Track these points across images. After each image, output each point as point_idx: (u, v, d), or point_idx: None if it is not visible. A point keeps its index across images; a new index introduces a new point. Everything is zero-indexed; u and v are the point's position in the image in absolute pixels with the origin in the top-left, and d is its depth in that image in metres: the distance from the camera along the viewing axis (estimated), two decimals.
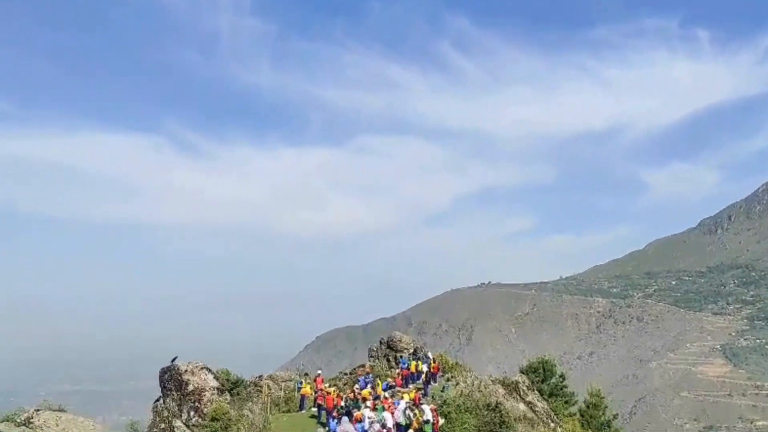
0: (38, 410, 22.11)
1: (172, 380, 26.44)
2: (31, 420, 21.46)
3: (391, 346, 42.01)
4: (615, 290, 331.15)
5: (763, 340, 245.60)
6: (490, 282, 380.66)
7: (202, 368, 27.17)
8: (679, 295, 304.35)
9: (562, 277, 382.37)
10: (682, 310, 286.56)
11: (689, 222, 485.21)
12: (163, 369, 27.12)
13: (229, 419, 24.18)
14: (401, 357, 36.63)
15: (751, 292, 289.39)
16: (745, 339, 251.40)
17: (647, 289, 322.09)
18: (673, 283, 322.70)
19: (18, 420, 21.23)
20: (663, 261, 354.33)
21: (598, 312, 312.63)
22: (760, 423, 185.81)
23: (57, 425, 21.66)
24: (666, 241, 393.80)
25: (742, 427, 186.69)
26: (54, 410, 22.48)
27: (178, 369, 26.71)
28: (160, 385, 26.94)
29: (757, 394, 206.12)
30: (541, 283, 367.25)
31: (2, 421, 20.89)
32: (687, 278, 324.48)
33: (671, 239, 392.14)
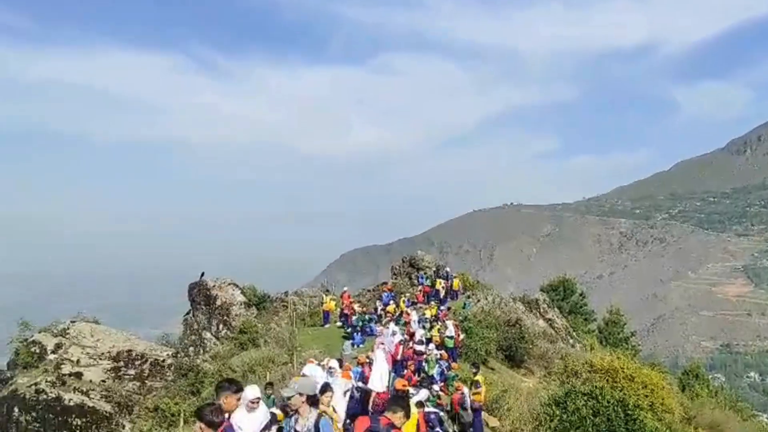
0: (73, 321, 23.00)
1: (200, 295, 27.22)
2: (67, 331, 22.35)
3: (413, 264, 42.55)
4: (638, 211, 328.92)
5: None
6: (512, 203, 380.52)
7: (229, 284, 27.89)
8: (703, 216, 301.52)
9: (585, 198, 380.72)
10: (705, 231, 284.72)
11: (717, 142, 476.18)
12: (191, 284, 27.88)
13: (256, 332, 24.96)
14: (422, 274, 37.16)
15: None
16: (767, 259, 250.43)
17: (671, 210, 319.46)
18: (698, 204, 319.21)
19: (54, 331, 22.15)
20: (688, 182, 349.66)
21: (620, 233, 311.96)
22: None
23: (92, 336, 22.54)
24: (692, 161, 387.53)
25: (759, 345, 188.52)
26: (89, 322, 23.39)
27: (206, 284, 27.45)
28: (189, 300, 27.76)
29: None
30: (563, 204, 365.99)
31: (40, 332, 21.80)
32: (712, 199, 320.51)
33: (698, 160, 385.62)
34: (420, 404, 11.71)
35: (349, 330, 26.16)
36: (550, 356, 27.87)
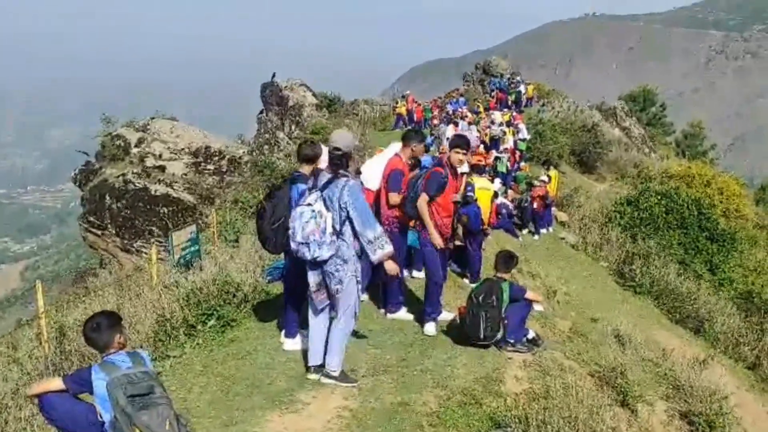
0: (153, 118, 23.71)
1: (273, 96, 27.43)
2: (148, 126, 23.12)
3: (486, 71, 41.33)
4: (732, 22, 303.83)
5: None
6: (594, 13, 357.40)
7: (300, 85, 27.87)
8: None
9: (675, 7, 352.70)
10: None
11: None
12: (263, 84, 28.01)
13: (328, 133, 25.25)
14: (495, 80, 36.11)
15: None
16: None
17: None
18: None
19: (136, 126, 22.97)
20: None
21: (710, 47, 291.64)
22: None
23: (171, 132, 23.29)
24: None
25: None
26: (167, 119, 24.06)
27: (278, 85, 27.52)
28: (262, 100, 28.05)
29: None
30: (651, 14, 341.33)
31: (123, 126, 22.62)
32: None
33: None
34: (495, 194, 11.77)
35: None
36: (623, 163, 27.42)
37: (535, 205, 14.73)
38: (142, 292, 8.06)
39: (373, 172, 7.51)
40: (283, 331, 6.31)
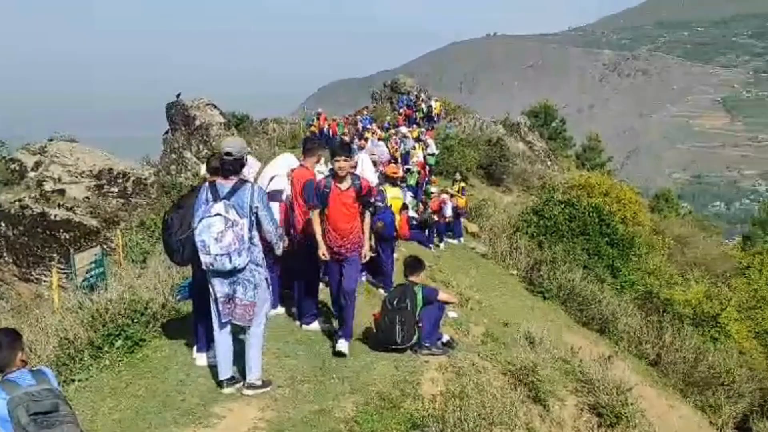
0: (51, 140, 22.66)
1: (178, 115, 26.75)
2: (45, 149, 22.08)
3: (394, 89, 41.99)
4: (624, 42, 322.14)
5: (766, 93, 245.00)
6: (495, 33, 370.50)
7: (207, 104, 27.33)
8: (689, 47, 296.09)
9: (570, 27, 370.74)
10: (689, 63, 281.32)
11: None
12: (168, 104, 27.32)
13: None
14: (403, 97, 36.75)
15: (763, 44, 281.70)
16: (747, 92, 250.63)
17: (657, 41, 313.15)
18: (685, 34, 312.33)
19: (32, 149, 21.89)
20: (678, 11, 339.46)
21: (603, 65, 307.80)
22: (747, 172, 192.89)
23: (71, 154, 22.34)
24: None
25: (728, 175, 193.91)
26: (66, 140, 23.05)
27: (183, 104, 26.89)
28: (167, 120, 27.34)
29: (749, 145, 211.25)
30: (547, 34, 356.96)
31: (19, 149, 21.51)
32: (700, 29, 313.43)
33: None
34: (405, 206, 11.93)
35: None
36: (528, 175, 28.45)
37: (435, 218, 14.82)
38: (43, 317, 7.66)
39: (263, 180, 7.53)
40: (195, 347, 6.15)
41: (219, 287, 5.21)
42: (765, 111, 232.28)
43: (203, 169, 6.06)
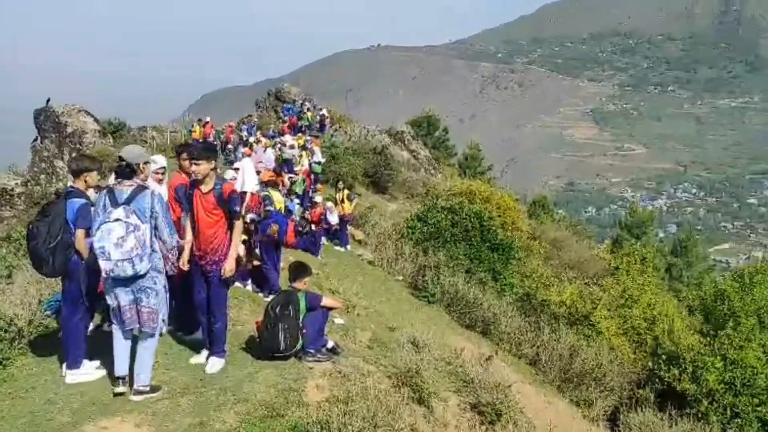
0: None
1: (48, 122, 25.29)
2: None
3: (279, 97, 41.68)
4: (501, 55, 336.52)
5: (629, 105, 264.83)
6: (380, 44, 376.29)
7: (80, 111, 26.00)
8: (560, 61, 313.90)
9: (450, 40, 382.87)
10: (560, 76, 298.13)
11: None
12: (37, 110, 25.76)
13: (114, 161, 23.82)
14: (288, 106, 36.57)
15: (626, 60, 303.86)
16: (613, 104, 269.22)
17: (531, 55, 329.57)
18: (556, 49, 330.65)
19: None
20: (551, 26, 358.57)
21: (483, 77, 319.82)
22: (614, 179, 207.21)
23: None
24: (557, 5, 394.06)
25: (598, 182, 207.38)
26: None
27: (54, 111, 25.44)
28: (36, 127, 25.77)
29: (615, 154, 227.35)
30: (430, 46, 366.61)
31: None
32: (569, 44, 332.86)
33: (562, 4, 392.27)
34: (289, 212, 11.86)
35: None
36: (413, 183, 29.02)
37: (314, 228, 14.66)
38: None
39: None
40: (64, 364, 5.81)
41: (122, 295, 5.17)
42: (630, 122, 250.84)
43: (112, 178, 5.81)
